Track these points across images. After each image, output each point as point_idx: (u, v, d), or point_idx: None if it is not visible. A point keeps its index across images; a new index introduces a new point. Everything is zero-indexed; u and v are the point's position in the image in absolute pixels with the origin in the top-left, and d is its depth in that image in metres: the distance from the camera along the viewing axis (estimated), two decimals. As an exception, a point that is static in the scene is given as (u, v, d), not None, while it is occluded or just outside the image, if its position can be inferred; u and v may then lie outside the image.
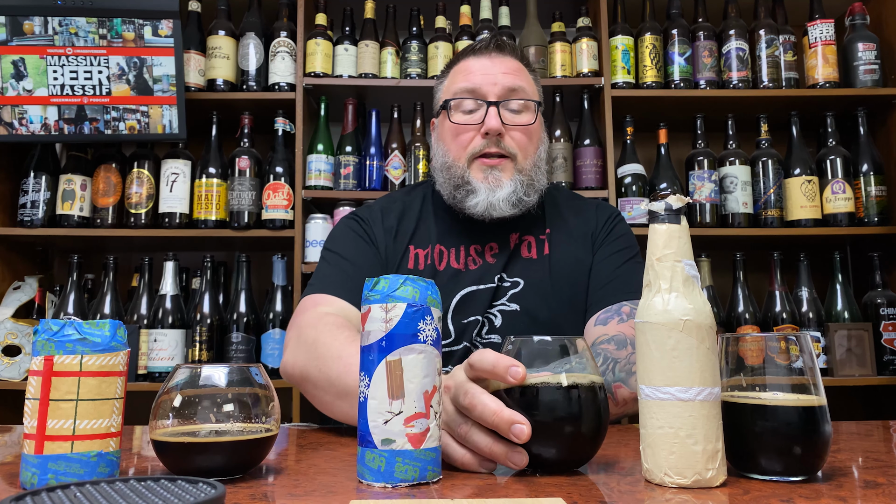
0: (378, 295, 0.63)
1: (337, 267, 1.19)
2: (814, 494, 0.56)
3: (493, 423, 0.64)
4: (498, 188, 1.16)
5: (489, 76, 1.20)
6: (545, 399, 0.64)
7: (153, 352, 2.03)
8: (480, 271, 1.20)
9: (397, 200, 1.32)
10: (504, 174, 1.17)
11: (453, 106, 1.20)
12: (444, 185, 1.22)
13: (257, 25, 2.24)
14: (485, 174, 1.17)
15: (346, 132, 2.21)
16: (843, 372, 2.06)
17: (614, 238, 1.26)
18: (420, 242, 1.24)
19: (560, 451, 0.65)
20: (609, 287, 1.18)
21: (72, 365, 0.60)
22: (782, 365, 0.64)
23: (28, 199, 2.13)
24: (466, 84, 1.20)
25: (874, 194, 2.18)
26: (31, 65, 1.99)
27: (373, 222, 1.26)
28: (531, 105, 1.21)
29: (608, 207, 1.34)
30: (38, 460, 0.59)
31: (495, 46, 1.23)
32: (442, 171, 1.23)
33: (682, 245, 0.63)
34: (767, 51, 2.23)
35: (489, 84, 1.19)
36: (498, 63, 1.21)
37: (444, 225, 1.25)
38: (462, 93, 1.20)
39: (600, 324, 1.13)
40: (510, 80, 1.19)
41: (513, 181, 1.17)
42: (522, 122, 1.19)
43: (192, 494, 0.45)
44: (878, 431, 0.95)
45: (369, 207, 1.31)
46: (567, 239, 1.26)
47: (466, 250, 1.22)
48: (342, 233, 1.27)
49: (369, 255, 1.22)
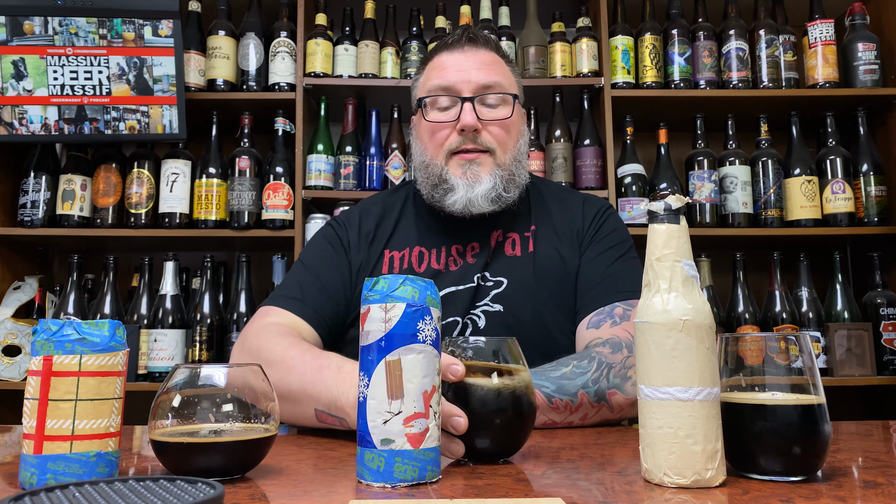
0: (377, 295, 0.63)
1: (298, 278, 1.19)
2: (813, 494, 0.56)
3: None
4: (476, 184, 1.14)
5: (462, 71, 1.17)
6: (476, 396, 0.71)
7: (153, 352, 2.03)
8: (460, 272, 1.18)
9: (378, 202, 1.30)
10: (483, 168, 1.15)
11: (428, 103, 1.18)
12: (424, 184, 1.20)
13: (257, 25, 2.24)
14: (463, 169, 1.15)
15: (346, 132, 2.21)
16: (842, 372, 2.06)
17: (603, 235, 1.22)
18: (397, 245, 1.22)
19: (490, 443, 0.71)
20: (600, 287, 1.14)
21: (71, 365, 0.60)
22: (782, 365, 0.64)
23: (28, 199, 2.13)
24: (440, 81, 1.18)
25: (874, 194, 2.18)
26: (31, 65, 1.99)
27: (349, 227, 1.25)
28: (508, 98, 1.18)
29: (596, 202, 1.29)
30: (37, 460, 0.59)
31: (467, 39, 1.20)
32: (421, 169, 1.21)
33: (682, 245, 0.63)
34: (767, 51, 2.23)
35: (463, 80, 1.16)
36: (471, 56, 1.19)
37: (424, 226, 1.23)
38: (436, 90, 1.18)
39: (592, 327, 1.11)
40: (484, 74, 1.16)
41: (492, 176, 1.15)
42: (499, 117, 1.17)
43: (191, 495, 0.45)
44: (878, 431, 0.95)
45: (350, 212, 1.30)
46: (553, 236, 1.22)
47: (448, 251, 1.20)
48: (316, 241, 1.27)
49: (336, 266, 1.20)
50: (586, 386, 0.94)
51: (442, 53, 1.21)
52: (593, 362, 0.97)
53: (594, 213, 1.25)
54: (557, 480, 0.63)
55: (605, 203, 1.29)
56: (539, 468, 0.68)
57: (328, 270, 1.19)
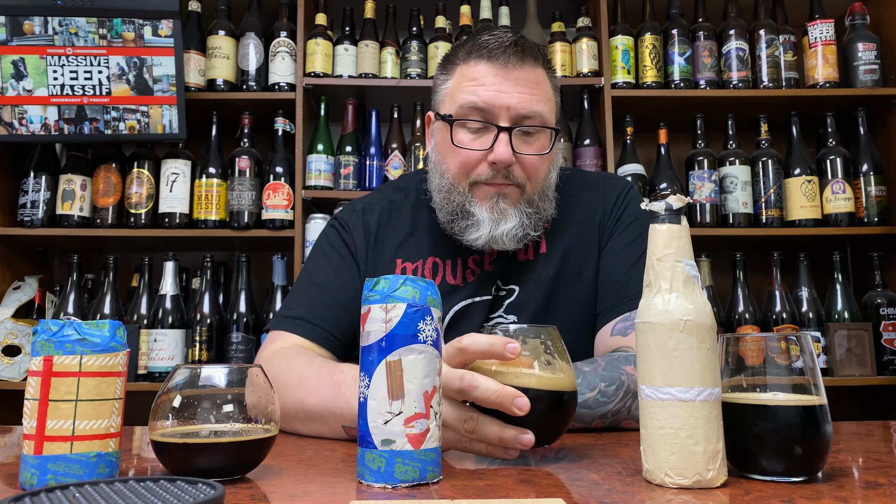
0: (378, 295, 0.63)
1: (305, 293, 1.13)
2: (814, 495, 0.56)
3: (496, 401, 0.66)
4: (502, 220, 1.04)
5: (503, 94, 1.02)
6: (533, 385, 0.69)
7: (153, 352, 2.03)
8: (478, 282, 1.11)
9: (383, 199, 1.20)
10: (509, 201, 1.05)
11: (457, 123, 1.05)
12: (442, 210, 1.10)
13: (257, 25, 2.24)
14: (490, 202, 1.05)
15: (346, 132, 2.21)
16: (843, 372, 2.06)
17: (627, 223, 1.13)
18: (410, 255, 1.14)
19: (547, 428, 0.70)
20: (625, 290, 1.07)
21: (71, 365, 0.60)
22: (783, 365, 0.64)
23: (28, 199, 2.13)
24: (475, 99, 1.03)
25: (874, 194, 2.18)
26: (31, 65, 1.99)
27: (354, 231, 1.16)
28: (547, 130, 1.06)
29: (617, 182, 1.19)
30: (38, 461, 0.59)
31: (514, 53, 1.03)
32: (439, 192, 1.10)
33: (683, 245, 0.63)
34: (767, 51, 2.23)
35: (502, 105, 1.02)
36: (514, 76, 1.03)
37: (439, 233, 1.13)
38: (470, 110, 1.04)
39: (618, 334, 1.04)
40: (527, 101, 1.03)
41: (518, 212, 1.05)
42: (536, 152, 1.05)
43: (191, 495, 0.45)
44: (879, 431, 0.95)
45: (352, 212, 1.20)
46: (568, 231, 1.14)
47: (464, 262, 1.12)
48: (321, 249, 1.18)
49: (345, 277, 1.13)
50: (605, 417, 0.88)
51: (482, 63, 1.05)
52: (620, 390, 0.88)
53: (616, 195, 1.16)
54: (558, 480, 0.63)
55: (625, 184, 1.19)
56: (539, 468, 0.68)
57: (337, 283, 1.12)
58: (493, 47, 1.04)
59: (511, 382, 0.68)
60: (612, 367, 0.91)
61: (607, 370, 0.90)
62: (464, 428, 0.69)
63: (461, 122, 1.05)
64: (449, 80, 1.10)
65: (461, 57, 1.09)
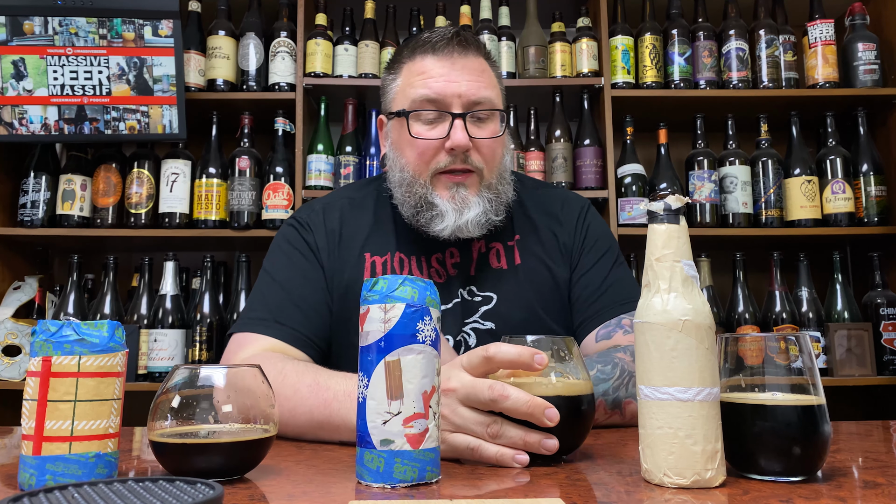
0: (377, 295, 0.63)
1: (266, 294, 1.10)
2: (813, 495, 0.56)
3: (527, 411, 0.67)
4: (465, 209, 1.07)
5: (452, 83, 1.07)
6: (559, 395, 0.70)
7: (153, 352, 2.03)
8: (443, 286, 1.12)
9: (342, 198, 1.21)
10: (470, 191, 1.08)
11: (412, 116, 1.08)
12: (405, 203, 1.11)
13: (257, 25, 2.24)
14: (451, 192, 1.07)
15: (346, 132, 2.21)
16: (842, 372, 2.06)
17: (592, 244, 1.18)
18: (377, 250, 1.14)
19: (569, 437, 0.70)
20: (602, 301, 1.12)
21: (70, 366, 0.60)
22: (782, 365, 0.64)
23: (28, 199, 2.13)
24: (427, 92, 1.07)
25: (874, 194, 2.18)
26: (31, 65, 1.99)
27: (314, 229, 1.16)
28: (496, 113, 1.10)
29: (574, 203, 1.23)
30: (36, 461, 0.59)
31: (457, 44, 1.08)
32: (400, 186, 1.11)
33: (682, 245, 0.63)
34: (767, 51, 2.23)
35: (453, 94, 1.06)
36: (461, 65, 1.08)
37: (401, 230, 1.15)
38: (423, 103, 1.07)
39: (603, 338, 1.08)
40: (475, 88, 1.07)
41: (480, 199, 1.08)
42: (489, 135, 1.09)
43: (190, 495, 0.45)
44: (878, 431, 0.95)
45: (311, 210, 1.19)
46: (538, 247, 1.17)
47: (428, 261, 1.13)
48: (279, 247, 1.16)
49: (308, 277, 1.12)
50: (606, 394, 0.90)
51: (427, 57, 1.09)
52: (616, 368, 0.92)
53: (575, 219, 1.20)
54: (557, 480, 0.63)
55: (582, 203, 1.24)
56: (539, 468, 0.68)
57: (301, 282, 1.10)
58: (436, 41, 1.09)
59: (539, 393, 0.68)
60: (604, 355, 0.95)
61: (600, 358, 0.95)
62: (487, 431, 0.69)
63: (416, 114, 1.08)
64: (398, 79, 1.14)
65: (406, 55, 1.13)
